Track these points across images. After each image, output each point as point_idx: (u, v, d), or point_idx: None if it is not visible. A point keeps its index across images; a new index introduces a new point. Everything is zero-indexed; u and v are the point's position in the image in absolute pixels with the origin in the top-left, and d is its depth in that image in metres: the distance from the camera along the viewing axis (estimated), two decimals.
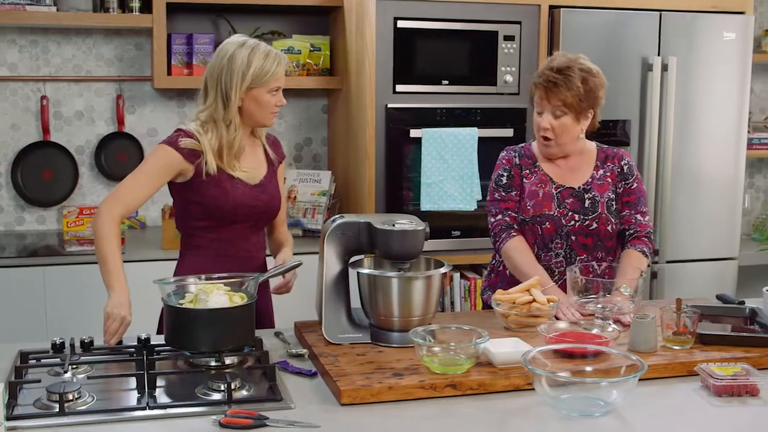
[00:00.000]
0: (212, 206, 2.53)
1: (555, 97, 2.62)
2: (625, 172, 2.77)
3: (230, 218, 2.55)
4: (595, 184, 2.74)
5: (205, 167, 2.49)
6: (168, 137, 2.54)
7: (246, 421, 1.78)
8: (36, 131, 4.10)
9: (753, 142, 4.77)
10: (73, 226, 4.01)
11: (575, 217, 2.70)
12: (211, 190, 2.52)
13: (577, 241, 2.70)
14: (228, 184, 2.53)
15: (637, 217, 2.73)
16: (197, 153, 2.50)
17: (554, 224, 2.70)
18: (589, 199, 2.72)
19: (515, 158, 2.80)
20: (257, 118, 2.56)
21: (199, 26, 4.14)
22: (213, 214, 2.54)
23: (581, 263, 2.65)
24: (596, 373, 1.96)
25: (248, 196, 2.56)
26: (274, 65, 2.50)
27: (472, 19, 3.82)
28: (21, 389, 1.95)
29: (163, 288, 2.20)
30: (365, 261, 2.41)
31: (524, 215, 2.73)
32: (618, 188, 2.75)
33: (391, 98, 3.77)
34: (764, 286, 2.58)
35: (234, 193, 2.53)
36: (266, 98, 2.53)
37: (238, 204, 2.54)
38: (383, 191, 3.81)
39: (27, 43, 4.04)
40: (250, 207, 2.57)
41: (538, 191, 2.74)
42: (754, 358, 2.16)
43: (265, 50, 2.52)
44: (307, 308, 2.62)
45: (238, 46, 2.50)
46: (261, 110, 2.55)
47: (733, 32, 4.08)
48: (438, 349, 2.06)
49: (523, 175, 2.77)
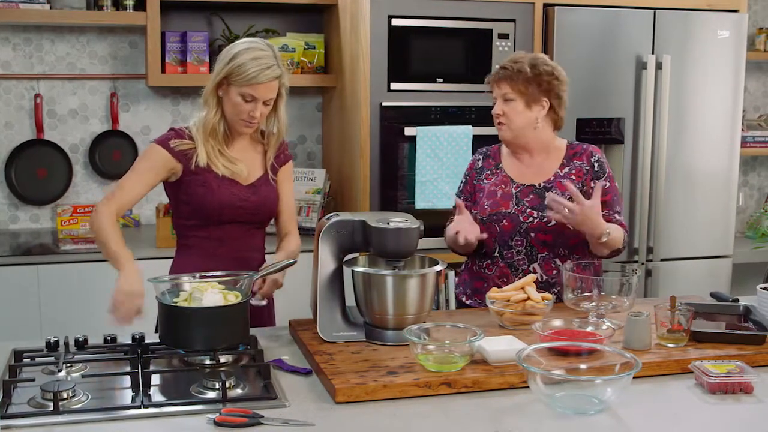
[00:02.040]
0: (198, 205, 2.54)
1: (504, 83, 2.73)
2: (596, 170, 2.77)
3: (217, 218, 2.55)
4: (557, 181, 2.74)
5: (195, 159, 2.52)
6: (160, 136, 2.59)
7: (241, 419, 1.78)
8: (30, 129, 4.09)
9: (747, 140, 4.78)
10: (67, 224, 4.01)
11: (533, 214, 2.72)
12: (198, 188, 2.53)
13: (537, 238, 2.72)
14: (215, 183, 2.53)
15: (615, 216, 2.74)
16: (187, 152, 2.52)
17: (512, 222, 2.73)
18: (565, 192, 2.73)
19: (478, 161, 2.90)
20: (229, 118, 2.55)
21: (194, 24, 4.14)
22: (199, 214, 2.55)
23: (542, 260, 2.72)
24: (591, 371, 1.96)
25: (236, 197, 2.55)
26: (254, 71, 2.46)
27: (466, 17, 3.82)
28: (15, 388, 1.94)
29: (158, 286, 2.19)
30: (360, 259, 2.41)
31: (481, 214, 2.77)
32: (586, 186, 2.74)
33: (386, 96, 3.76)
34: (758, 283, 2.59)
35: (220, 192, 2.53)
36: (236, 99, 2.49)
37: (224, 204, 2.54)
38: (378, 189, 3.81)
39: (20, 41, 4.03)
40: (238, 208, 2.56)
41: (496, 191, 2.78)
42: (748, 356, 2.16)
43: (259, 56, 2.48)
44: (301, 306, 2.62)
45: (245, 43, 2.52)
46: (231, 111, 2.52)
47: (727, 30, 4.08)
48: (433, 347, 2.06)
49: (484, 177, 2.84)
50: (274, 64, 2.50)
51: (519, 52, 2.82)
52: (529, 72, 2.69)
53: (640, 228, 4.06)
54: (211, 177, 2.54)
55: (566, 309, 2.48)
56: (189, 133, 2.57)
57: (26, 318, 3.49)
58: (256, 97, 2.49)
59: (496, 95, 2.77)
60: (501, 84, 2.73)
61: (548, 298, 2.45)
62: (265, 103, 2.53)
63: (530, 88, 2.70)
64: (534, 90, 2.70)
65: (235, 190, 2.56)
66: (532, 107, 2.72)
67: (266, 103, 2.53)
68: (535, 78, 2.70)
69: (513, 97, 2.71)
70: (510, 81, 2.71)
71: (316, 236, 2.36)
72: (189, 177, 2.54)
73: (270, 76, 2.48)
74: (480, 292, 2.76)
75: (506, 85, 2.72)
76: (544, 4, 3.90)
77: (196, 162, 2.53)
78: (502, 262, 2.75)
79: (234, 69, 2.47)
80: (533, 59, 2.74)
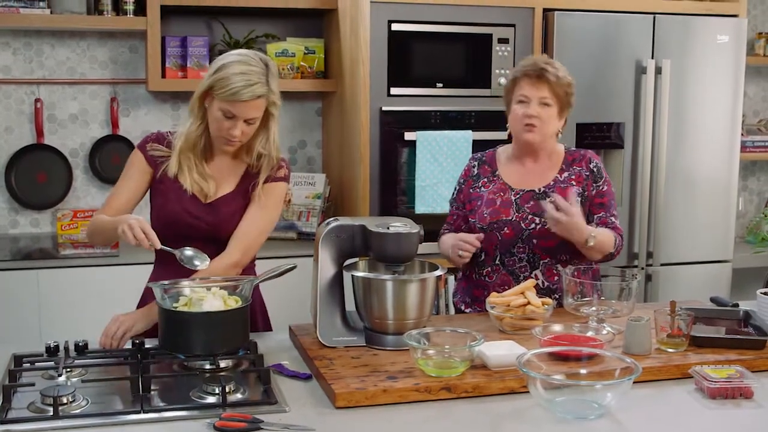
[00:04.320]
0: (154, 217, 2.50)
1: (545, 85, 2.65)
2: (595, 173, 2.76)
3: (173, 231, 2.43)
4: (557, 186, 2.73)
5: (164, 167, 2.46)
6: (143, 138, 2.57)
7: (240, 424, 1.78)
8: (30, 134, 4.09)
9: (746, 144, 4.78)
10: (67, 229, 4.01)
11: (535, 220, 2.70)
12: (158, 198, 2.50)
13: (539, 245, 2.70)
14: (175, 194, 2.45)
15: (611, 219, 2.73)
16: (159, 159, 2.48)
17: (513, 229, 2.70)
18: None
19: (474, 168, 2.85)
20: (212, 132, 2.43)
21: (194, 29, 4.14)
22: (155, 224, 2.42)
23: (544, 266, 2.71)
24: (591, 375, 1.96)
25: (189, 214, 2.45)
26: (236, 86, 2.30)
27: (466, 22, 3.83)
28: (15, 393, 1.94)
29: (158, 291, 2.19)
30: (360, 264, 2.41)
31: (481, 223, 2.73)
32: (587, 190, 2.74)
33: (386, 101, 3.77)
34: (758, 288, 2.59)
35: (176, 206, 2.45)
36: (217, 114, 2.36)
37: (178, 218, 2.44)
38: (377, 194, 3.81)
39: (21, 45, 4.04)
40: (189, 225, 2.45)
41: (495, 199, 2.75)
42: (748, 361, 2.16)
43: (245, 70, 2.32)
44: (301, 311, 2.62)
45: (235, 55, 2.39)
46: (213, 125, 2.40)
47: (727, 35, 4.09)
48: (433, 352, 2.06)
49: (481, 184, 2.80)
50: (260, 81, 2.33)
51: (542, 56, 2.77)
52: (566, 79, 2.67)
53: (640, 232, 4.06)
54: (173, 188, 2.46)
55: (566, 314, 2.48)
56: (170, 139, 2.51)
57: (26, 322, 3.49)
58: (236, 115, 2.34)
59: (528, 95, 2.66)
60: (539, 86, 2.65)
61: (548, 302, 2.44)
62: (247, 122, 2.37)
63: (566, 96, 2.68)
64: (566, 99, 2.69)
65: (191, 206, 2.45)
66: (561, 116, 2.71)
67: (248, 122, 2.37)
68: (569, 86, 2.68)
69: (551, 102, 2.66)
70: (550, 85, 2.64)
71: (316, 241, 2.36)
72: (156, 185, 2.49)
73: (251, 93, 2.32)
74: (480, 300, 2.74)
75: (546, 88, 2.65)
76: (544, 9, 3.91)
77: (164, 170, 2.46)
78: (503, 269, 2.74)
79: (216, 81, 2.34)
80: (562, 67, 2.70)
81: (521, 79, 2.69)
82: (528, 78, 2.67)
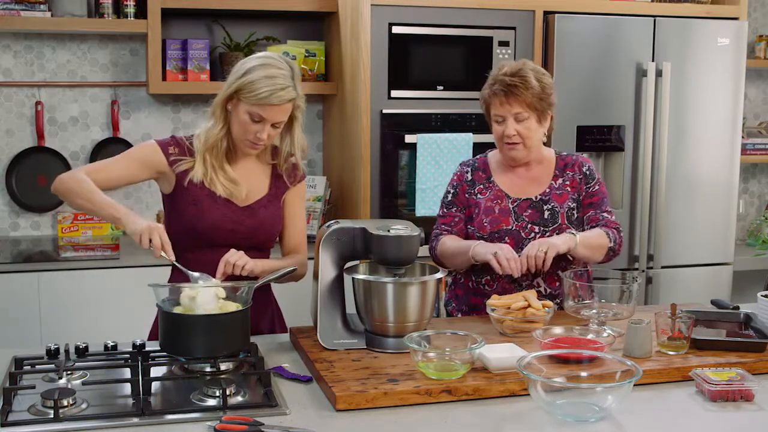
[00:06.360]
0: (189, 226, 2.44)
1: (515, 101, 2.58)
2: (587, 176, 2.73)
3: (208, 240, 2.43)
4: (554, 194, 2.71)
5: (189, 174, 2.43)
6: (162, 139, 2.52)
7: (241, 427, 1.78)
8: (31, 137, 4.09)
9: (747, 147, 4.79)
10: (67, 231, 4.01)
11: (535, 229, 2.67)
12: (189, 208, 2.44)
13: None
14: (207, 202, 2.43)
15: (603, 215, 2.70)
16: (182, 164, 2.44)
17: (514, 238, 2.67)
18: (548, 210, 2.70)
19: (467, 174, 2.79)
20: (235, 136, 2.43)
21: (194, 32, 4.15)
22: (189, 235, 2.43)
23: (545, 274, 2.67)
24: (591, 378, 1.96)
25: (228, 219, 2.45)
26: (266, 90, 2.32)
27: (466, 24, 3.83)
28: (15, 395, 1.94)
29: (158, 293, 2.19)
30: (360, 266, 2.41)
31: (481, 232, 2.69)
32: (580, 194, 2.73)
33: (386, 104, 3.77)
34: (759, 291, 2.58)
35: (212, 213, 2.43)
36: (244, 117, 2.36)
37: (216, 226, 2.43)
38: (378, 197, 3.81)
39: (22, 48, 4.04)
40: (230, 230, 2.44)
41: (493, 207, 2.71)
42: (748, 363, 2.16)
43: (274, 74, 2.33)
44: (302, 314, 2.62)
45: (261, 58, 2.39)
46: (238, 129, 2.40)
47: (727, 38, 4.09)
48: (433, 355, 2.06)
49: (477, 191, 2.75)
50: (290, 85, 2.36)
51: (508, 63, 2.68)
52: (537, 85, 2.58)
53: (641, 235, 4.06)
54: (204, 195, 2.43)
55: (567, 316, 2.48)
56: (189, 144, 2.48)
57: (27, 325, 3.49)
58: (265, 118, 2.36)
59: (502, 114, 2.61)
60: (510, 102, 2.58)
61: (549, 305, 2.44)
62: (274, 126, 2.40)
63: (541, 102, 2.60)
64: (543, 104, 2.61)
65: (229, 211, 2.45)
66: (542, 123, 2.65)
67: (275, 125, 2.40)
68: (543, 91, 2.60)
69: (527, 115, 2.60)
70: (519, 98, 2.57)
71: (316, 244, 2.36)
72: (181, 193, 2.44)
73: (283, 98, 2.34)
74: (478, 308, 2.71)
75: (517, 103, 2.58)
76: (545, 12, 3.91)
77: (190, 177, 2.43)
78: (504, 278, 2.67)
79: (245, 84, 2.34)
80: (533, 70, 2.62)
81: (491, 98, 2.64)
82: (496, 97, 2.61)
